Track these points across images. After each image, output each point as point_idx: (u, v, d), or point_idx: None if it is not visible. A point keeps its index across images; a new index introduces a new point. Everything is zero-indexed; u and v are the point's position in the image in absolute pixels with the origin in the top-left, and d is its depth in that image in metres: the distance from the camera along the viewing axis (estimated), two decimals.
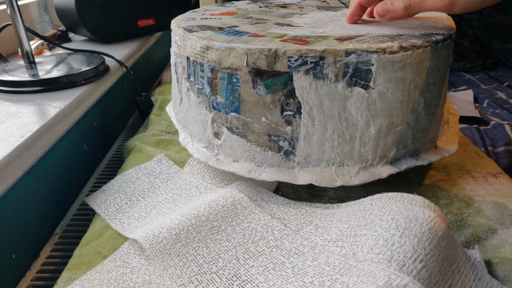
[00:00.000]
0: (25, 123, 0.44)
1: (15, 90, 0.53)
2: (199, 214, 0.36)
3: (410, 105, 0.37)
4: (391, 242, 0.28)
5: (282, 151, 0.38)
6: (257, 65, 0.36)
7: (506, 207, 0.38)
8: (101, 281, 0.32)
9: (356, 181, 0.38)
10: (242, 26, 0.43)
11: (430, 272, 0.27)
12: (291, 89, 0.36)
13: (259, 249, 0.34)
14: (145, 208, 0.41)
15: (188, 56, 0.41)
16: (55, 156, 0.48)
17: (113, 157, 0.59)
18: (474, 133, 1.20)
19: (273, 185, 0.43)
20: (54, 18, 0.94)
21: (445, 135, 0.43)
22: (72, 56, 0.66)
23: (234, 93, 0.38)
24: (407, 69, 0.36)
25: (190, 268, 0.32)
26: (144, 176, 0.46)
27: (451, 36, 0.39)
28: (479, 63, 1.70)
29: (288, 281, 0.30)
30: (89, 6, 0.76)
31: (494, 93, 1.46)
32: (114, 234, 0.38)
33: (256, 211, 0.37)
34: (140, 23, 0.85)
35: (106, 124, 0.65)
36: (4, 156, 0.37)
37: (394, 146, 0.38)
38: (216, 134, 0.41)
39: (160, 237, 0.33)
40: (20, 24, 0.56)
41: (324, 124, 0.37)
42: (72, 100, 0.51)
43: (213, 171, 0.46)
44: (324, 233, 0.34)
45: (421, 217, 0.30)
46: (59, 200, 0.48)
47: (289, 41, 0.37)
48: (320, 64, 0.35)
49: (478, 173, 0.44)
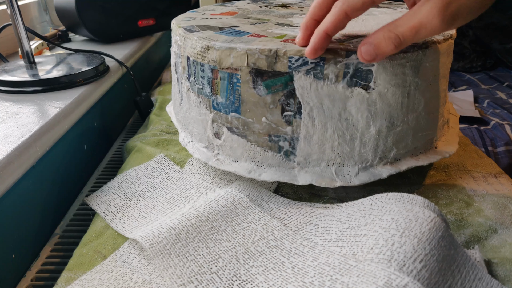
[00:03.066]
0: (25, 123, 0.44)
1: (15, 90, 0.53)
2: (199, 214, 0.36)
3: (410, 105, 0.37)
4: (391, 242, 0.28)
5: (282, 151, 0.38)
6: (258, 65, 0.36)
7: (506, 207, 0.38)
8: (101, 281, 0.32)
9: (356, 182, 0.38)
10: (243, 26, 0.43)
11: (430, 272, 0.27)
12: (292, 90, 0.36)
13: (259, 249, 0.34)
14: (145, 208, 0.41)
15: (188, 56, 0.41)
16: (55, 156, 0.48)
17: (113, 157, 0.59)
18: (474, 133, 1.20)
19: (273, 185, 0.43)
20: (54, 18, 0.94)
21: (445, 135, 0.43)
22: (72, 56, 0.66)
23: (235, 93, 0.38)
24: (408, 69, 0.36)
25: (190, 268, 0.32)
26: (144, 176, 0.46)
27: (451, 36, 0.39)
28: (479, 63, 1.70)
29: (288, 281, 0.30)
30: (89, 6, 0.76)
31: (494, 93, 1.46)
32: (114, 234, 0.38)
33: (256, 211, 0.37)
34: (140, 23, 0.85)
35: (106, 124, 0.65)
36: (4, 156, 0.37)
37: (394, 146, 0.38)
38: (216, 134, 0.41)
39: (160, 237, 0.33)
40: (20, 24, 0.56)
41: (324, 124, 0.37)
42: (72, 100, 0.51)
43: (213, 171, 0.46)
44: (324, 233, 0.34)
45: (421, 217, 0.30)
46: (59, 200, 0.48)
47: (290, 41, 0.37)
48: (321, 64, 0.35)
49: (478, 173, 0.44)
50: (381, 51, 0.32)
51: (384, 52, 0.32)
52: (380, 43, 0.32)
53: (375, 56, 0.32)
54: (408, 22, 0.31)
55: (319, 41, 0.33)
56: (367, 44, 0.32)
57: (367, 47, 0.32)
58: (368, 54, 0.32)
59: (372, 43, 0.32)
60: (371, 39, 0.32)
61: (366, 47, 0.32)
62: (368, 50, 0.32)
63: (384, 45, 0.32)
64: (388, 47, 0.32)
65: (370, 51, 0.32)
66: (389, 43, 0.31)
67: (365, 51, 0.32)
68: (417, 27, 0.30)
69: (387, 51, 0.32)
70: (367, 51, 0.32)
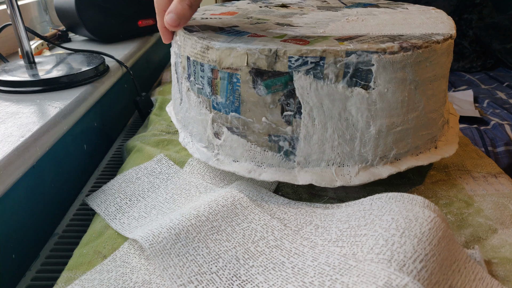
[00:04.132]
0: (25, 123, 0.44)
1: (15, 90, 0.53)
2: (199, 214, 0.36)
3: (410, 105, 0.37)
4: (391, 242, 0.28)
5: (282, 151, 0.38)
6: (258, 65, 0.36)
7: (506, 207, 0.38)
8: (101, 281, 0.32)
9: (356, 181, 0.38)
10: (243, 26, 0.43)
11: (430, 272, 0.27)
12: (292, 89, 0.36)
13: (259, 249, 0.34)
14: (145, 208, 0.41)
15: (188, 56, 0.41)
16: (55, 156, 0.48)
17: (113, 157, 0.59)
18: (474, 133, 1.20)
19: (273, 185, 0.43)
20: (54, 18, 0.94)
21: (445, 135, 0.43)
22: (72, 56, 0.66)
23: (234, 93, 0.38)
24: (408, 69, 0.36)
25: (190, 268, 0.32)
26: (144, 176, 0.46)
27: (451, 36, 0.39)
28: (479, 63, 1.70)
29: (288, 281, 0.30)
30: (89, 6, 0.76)
31: (494, 93, 1.47)
32: (114, 234, 0.38)
33: (256, 211, 0.37)
34: (140, 23, 0.85)
35: (106, 124, 0.65)
36: (4, 156, 0.37)
37: (394, 146, 0.38)
38: (216, 134, 0.41)
39: (160, 237, 0.33)
40: (20, 24, 0.56)
41: (324, 124, 0.37)
42: (72, 100, 0.51)
43: (213, 171, 0.46)
44: (324, 233, 0.34)
45: (421, 217, 0.30)
46: (59, 200, 0.48)
47: (290, 41, 0.37)
48: (321, 64, 0.35)
49: (478, 173, 0.44)
50: (181, 15, 0.37)
51: (184, 14, 0.37)
52: (177, 8, 0.37)
53: (178, 21, 0.38)
54: None
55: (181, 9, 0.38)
56: (168, 14, 0.38)
57: (169, 16, 0.38)
58: (172, 20, 0.38)
59: (171, 11, 0.38)
60: (170, 8, 0.38)
61: (169, 16, 0.38)
62: (171, 18, 0.38)
63: (180, 9, 0.37)
64: (184, 8, 0.37)
65: (173, 18, 0.38)
66: (184, 5, 0.37)
67: (169, 19, 0.38)
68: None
69: (185, 12, 0.37)
70: (170, 19, 0.38)
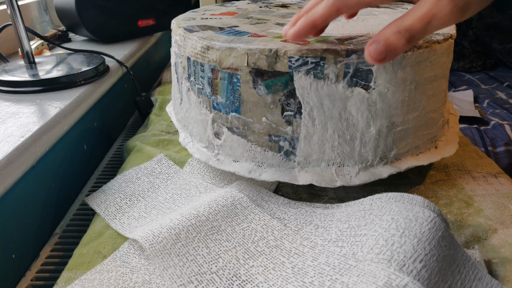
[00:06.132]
0: (25, 123, 0.44)
1: (15, 90, 0.53)
2: (199, 214, 0.36)
3: (410, 105, 0.37)
4: (391, 242, 0.28)
5: (283, 151, 0.38)
6: (258, 65, 0.36)
7: (506, 207, 0.38)
8: (101, 281, 0.32)
9: (356, 181, 0.38)
10: (243, 26, 0.43)
11: (430, 272, 0.27)
12: (292, 89, 0.36)
13: (259, 249, 0.34)
14: (145, 208, 0.41)
15: (188, 56, 0.41)
16: (55, 156, 0.48)
17: (113, 157, 0.59)
18: (474, 133, 1.20)
19: (273, 185, 0.43)
20: (54, 18, 0.94)
21: (445, 135, 0.43)
22: (72, 56, 0.66)
23: (235, 93, 0.38)
24: (408, 69, 0.36)
25: (190, 268, 0.32)
26: (144, 176, 0.46)
27: (451, 36, 0.39)
28: (479, 63, 1.70)
29: (288, 281, 0.30)
30: (89, 6, 0.76)
31: (494, 93, 1.46)
32: (114, 234, 0.38)
33: (256, 211, 0.37)
34: (140, 23, 0.85)
35: (106, 124, 0.65)
36: (4, 156, 0.37)
37: (395, 146, 0.38)
38: (216, 134, 0.41)
39: (160, 237, 0.33)
40: (20, 24, 0.56)
41: (324, 124, 0.37)
42: (72, 100, 0.51)
43: (213, 171, 0.46)
44: (324, 233, 0.34)
45: (421, 217, 0.30)
46: (59, 200, 0.48)
47: (290, 41, 0.37)
48: (321, 64, 0.35)
49: (478, 173, 0.44)
50: (391, 48, 0.28)
51: (395, 49, 0.29)
52: (390, 39, 0.28)
53: (385, 54, 0.29)
54: (417, 13, 0.28)
55: (303, 28, 0.32)
56: (375, 43, 0.29)
57: (375, 46, 0.29)
58: (377, 53, 0.29)
59: (380, 41, 0.29)
60: (379, 37, 0.29)
61: (375, 46, 0.29)
62: (377, 49, 0.29)
63: (394, 41, 0.28)
64: (399, 42, 0.28)
65: (379, 49, 0.29)
66: (399, 38, 0.28)
67: (374, 50, 0.29)
68: (427, 17, 0.28)
69: (399, 46, 0.28)
70: (376, 50, 0.29)
